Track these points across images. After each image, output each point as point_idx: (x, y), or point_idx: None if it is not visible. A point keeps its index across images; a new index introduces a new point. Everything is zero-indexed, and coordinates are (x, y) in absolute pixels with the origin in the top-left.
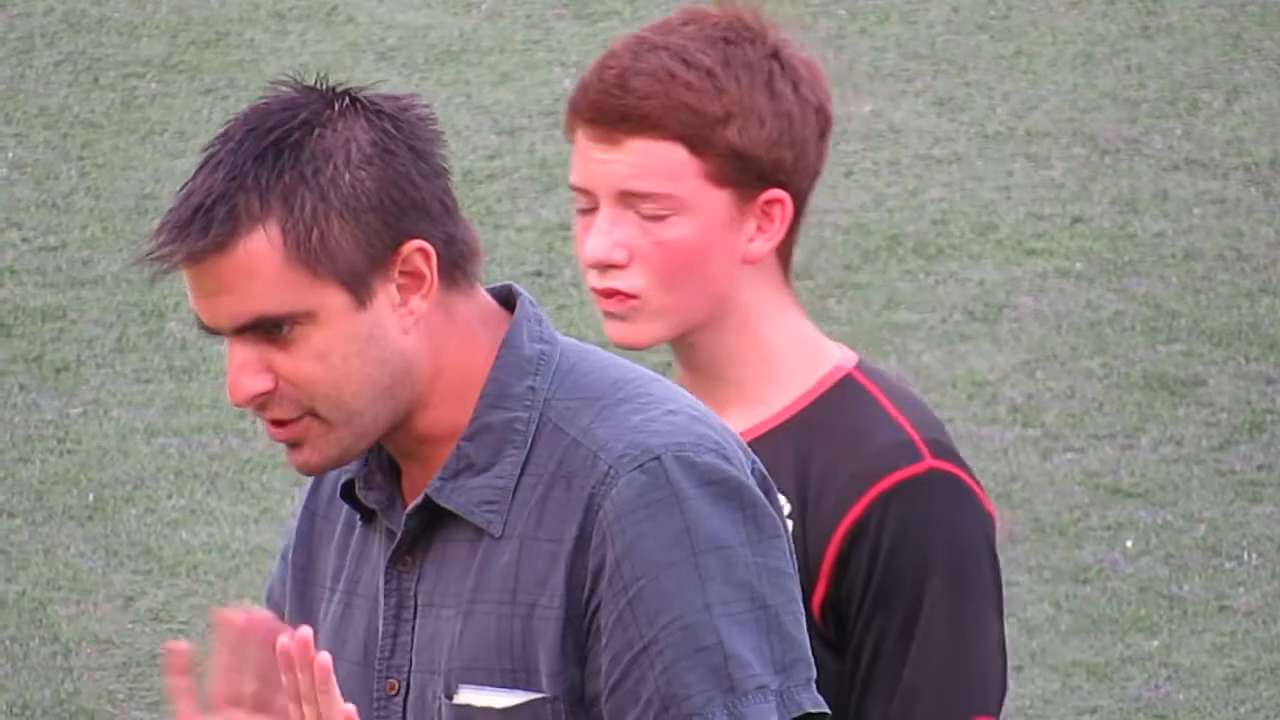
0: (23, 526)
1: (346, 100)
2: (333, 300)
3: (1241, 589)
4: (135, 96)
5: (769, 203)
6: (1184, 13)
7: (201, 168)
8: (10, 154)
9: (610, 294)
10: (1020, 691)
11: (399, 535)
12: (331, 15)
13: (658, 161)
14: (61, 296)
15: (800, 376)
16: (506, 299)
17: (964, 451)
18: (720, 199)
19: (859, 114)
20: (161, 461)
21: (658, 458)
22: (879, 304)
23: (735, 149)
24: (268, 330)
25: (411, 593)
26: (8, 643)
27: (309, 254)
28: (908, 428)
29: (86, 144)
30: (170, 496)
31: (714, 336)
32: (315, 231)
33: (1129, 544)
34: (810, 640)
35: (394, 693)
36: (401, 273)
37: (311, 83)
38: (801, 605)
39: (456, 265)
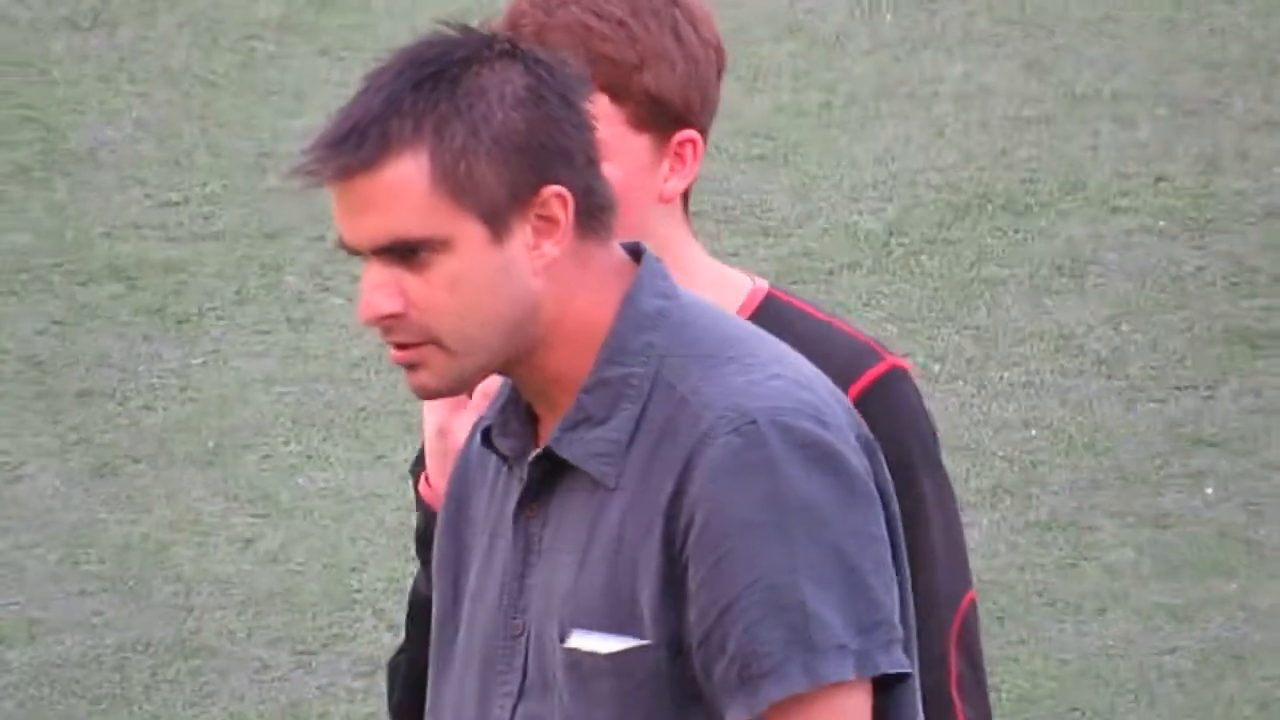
0: (146, 471)
1: (505, 45)
2: (470, 232)
3: None
4: (254, 57)
5: (682, 143)
6: None
7: (361, 93)
8: (134, 113)
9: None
10: (1104, 633)
11: (525, 482)
12: None
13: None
14: (183, 251)
15: (726, 302)
16: (634, 253)
17: (1050, 403)
18: (641, 143)
19: (951, 75)
20: (279, 409)
21: (754, 421)
22: (969, 259)
23: (652, 94)
24: (404, 254)
25: (537, 538)
26: (132, 583)
27: (454, 184)
28: (852, 331)
29: (207, 103)
30: (287, 443)
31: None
32: (463, 163)
33: (1209, 491)
34: None
35: (518, 633)
36: (538, 216)
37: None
38: (893, 570)
39: (593, 215)
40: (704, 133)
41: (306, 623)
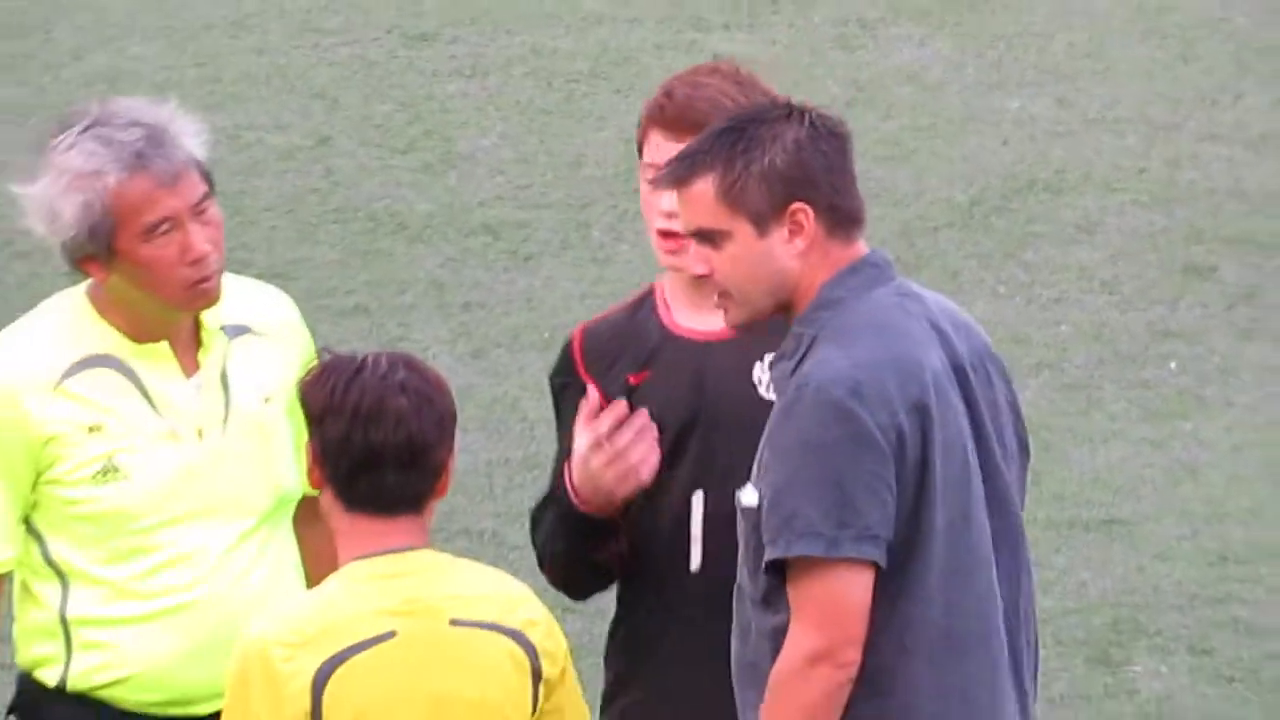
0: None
1: (794, 112)
2: (743, 229)
3: None
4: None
5: None
6: None
7: (696, 138)
8: (498, 127)
9: (672, 235)
10: (1108, 455)
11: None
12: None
13: None
14: (529, 214)
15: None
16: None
17: (1073, 309)
18: None
19: None
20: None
21: (806, 385)
22: None
23: None
24: (706, 237)
25: None
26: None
27: (730, 198)
28: None
29: (545, 128)
30: None
31: None
32: (738, 185)
33: (1173, 365)
34: None
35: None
36: (791, 221)
37: (790, 102)
38: (882, 494)
39: (837, 224)
40: None
41: None
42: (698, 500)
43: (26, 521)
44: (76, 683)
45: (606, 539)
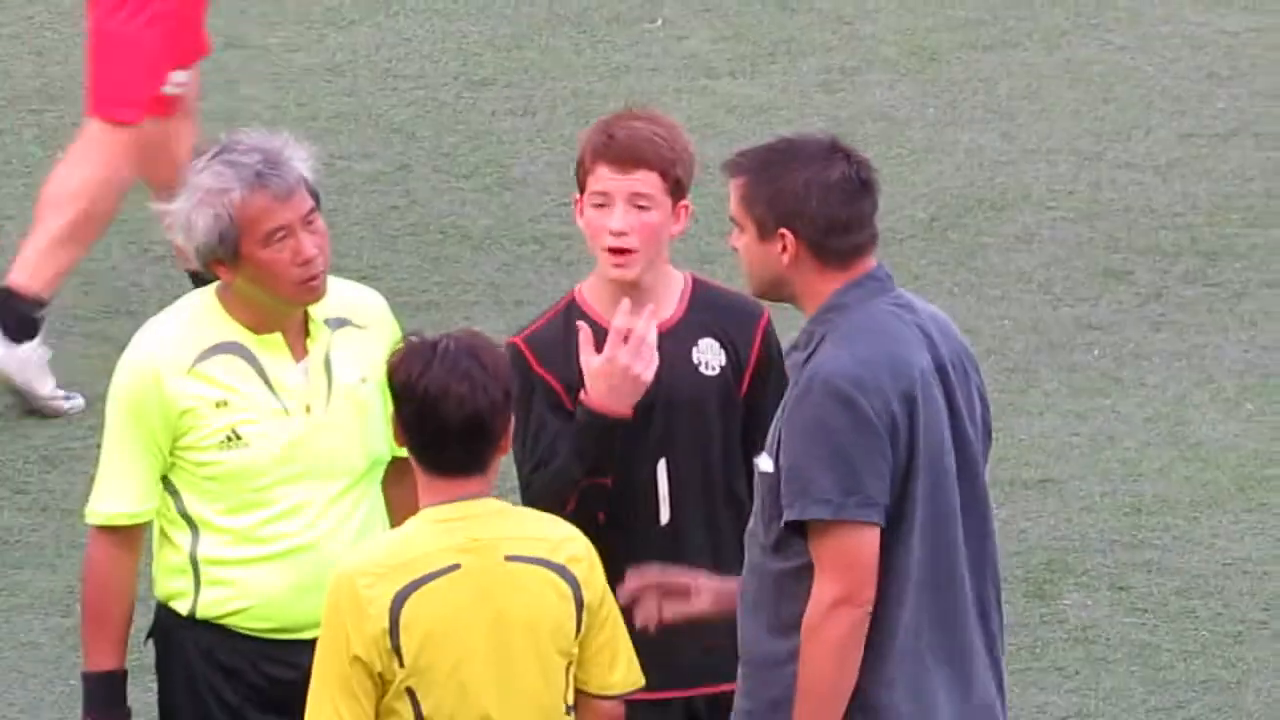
0: None
1: (837, 154)
2: (750, 229)
3: None
4: None
5: (682, 206)
6: None
7: (763, 143)
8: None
9: (620, 251)
10: (1045, 402)
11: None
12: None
13: (649, 181)
14: None
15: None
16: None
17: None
18: (669, 203)
19: None
20: None
21: (815, 377)
22: None
23: (678, 178)
24: (734, 221)
25: None
26: None
27: (747, 203)
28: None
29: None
30: None
31: (653, 273)
32: (753, 196)
33: (1095, 353)
34: (731, 395)
35: None
36: (782, 240)
37: (836, 143)
38: (880, 467)
39: (824, 254)
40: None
41: None
42: (662, 467)
43: (164, 480)
44: (204, 612)
45: (611, 456)
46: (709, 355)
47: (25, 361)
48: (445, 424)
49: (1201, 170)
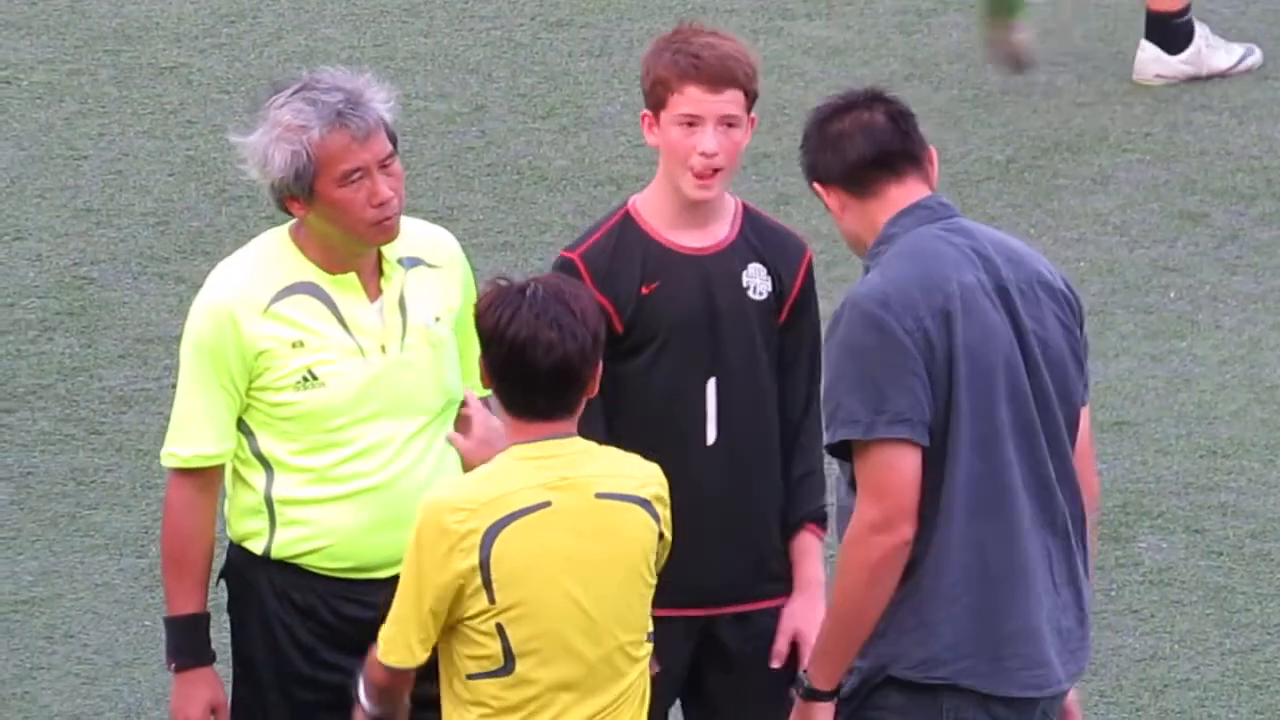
0: None
1: (873, 98)
2: (826, 205)
3: None
4: None
5: (752, 119)
6: None
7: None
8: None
9: (708, 172)
10: None
11: None
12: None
13: (736, 100)
14: None
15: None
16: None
17: None
18: (747, 119)
19: None
20: None
21: (845, 302)
22: None
23: (756, 92)
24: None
25: None
26: None
27: (811, 188)
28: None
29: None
30: None
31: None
32: (808, 180)
33: None
34: (774, 322)
35: None
36: (827, 195)
37: (871, 91)
38: (910, 384)
39: (859, 185)
40: None
41: None
42: (712, 386)
43: (239, 421)
44: (279, 551)
45: None
46: (757, 280)
47: (1192, 58)
48: (533, 370)
49: (1279, 112)
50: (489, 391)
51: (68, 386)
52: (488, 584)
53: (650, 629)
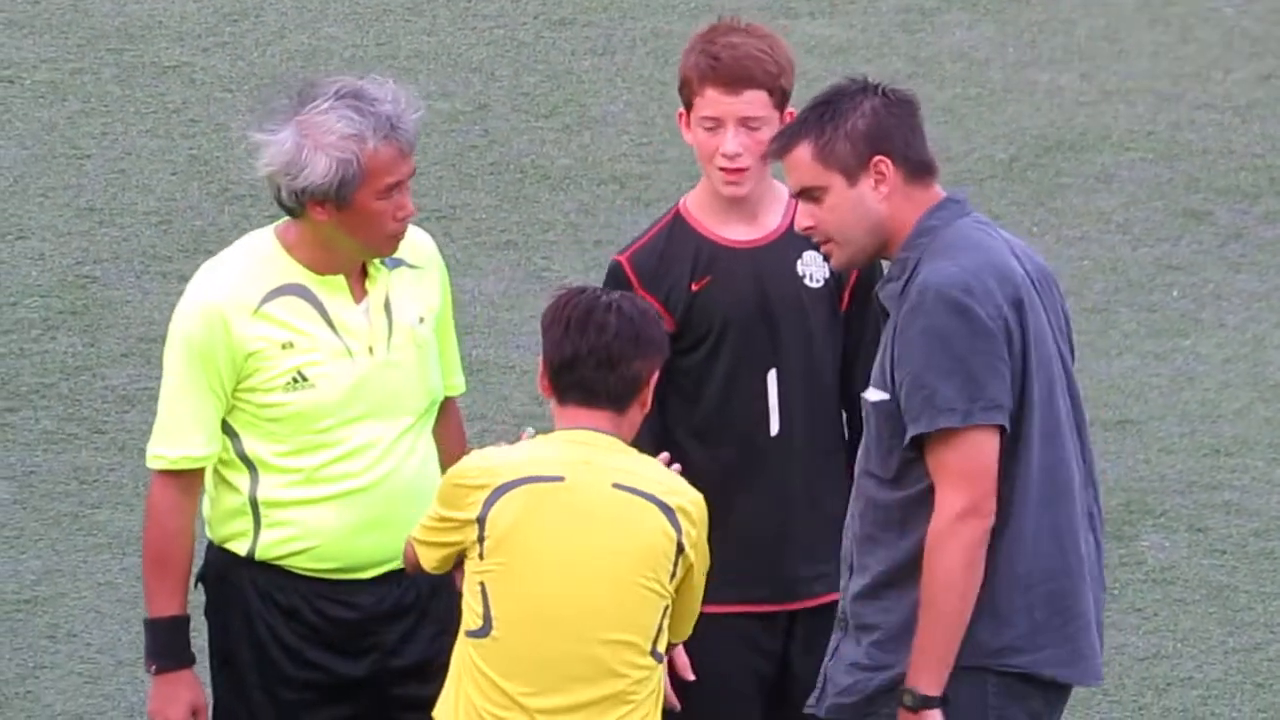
0: None
1: (869, 86)
2: (836, 181)
3: None
4: None
5: (789, 114)
6: None
7: (796, 116)
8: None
9: (734, 170)
10: None
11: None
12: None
13: (757, 101)
14: None
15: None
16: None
17: None
18: (776, 116)
19: None
20: None
21: (926, 289)
22: None
23: (784, 90)
24: (810, 195)
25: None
26: None
27: (824, 157)
28: None
29: None
30: None
31: (760, 185)
32: (828, 146)
33: None
34: (835, 309)
35: None
36: (875, 172)
37: (865, 79)
38: (1000, 370)
39: (912, 172)
40: None
41: None
42: (773, 377)
43: (222, 422)
44: (264, 552)
45: None
46: (813, 268)
47: None
48: (580, 348)
49: None
50: (454, 390)
51: (70, 385)
52: (481, 538)
53: (656, 643)
